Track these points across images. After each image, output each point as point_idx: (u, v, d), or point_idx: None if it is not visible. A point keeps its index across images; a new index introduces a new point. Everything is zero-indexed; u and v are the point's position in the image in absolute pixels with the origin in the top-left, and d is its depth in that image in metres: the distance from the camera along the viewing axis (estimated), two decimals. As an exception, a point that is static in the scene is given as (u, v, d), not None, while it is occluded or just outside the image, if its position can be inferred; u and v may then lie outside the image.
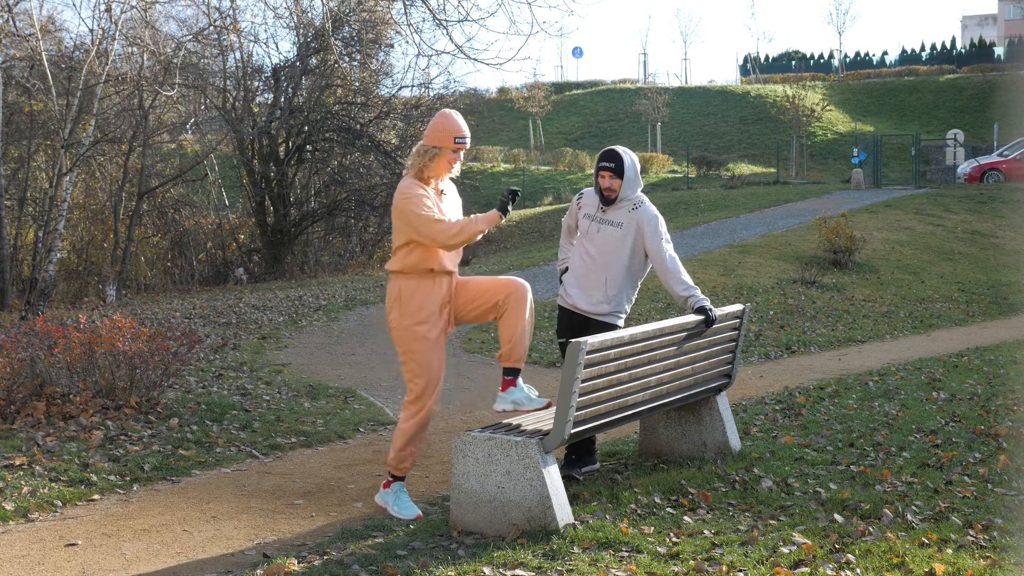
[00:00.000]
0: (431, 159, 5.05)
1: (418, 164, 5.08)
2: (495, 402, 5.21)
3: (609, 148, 5.78)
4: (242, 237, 24.57)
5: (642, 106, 44.58)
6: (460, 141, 5.05)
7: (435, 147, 5.05)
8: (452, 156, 5.07)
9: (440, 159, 5.06)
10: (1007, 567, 4.18)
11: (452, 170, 5.14)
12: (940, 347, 11.31)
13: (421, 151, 5.07)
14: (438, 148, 5.05)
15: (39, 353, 7.23)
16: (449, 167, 5.11)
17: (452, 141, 5.04)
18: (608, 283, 5.74)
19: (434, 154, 5.05)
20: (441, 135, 5.05)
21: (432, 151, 5.05)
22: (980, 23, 70.48)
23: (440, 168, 5.08)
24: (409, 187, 5.04)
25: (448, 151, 5.05)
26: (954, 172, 32.66)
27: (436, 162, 5.06)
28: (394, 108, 23.71)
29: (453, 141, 5.04)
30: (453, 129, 5.05)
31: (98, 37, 17.36)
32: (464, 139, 5.07)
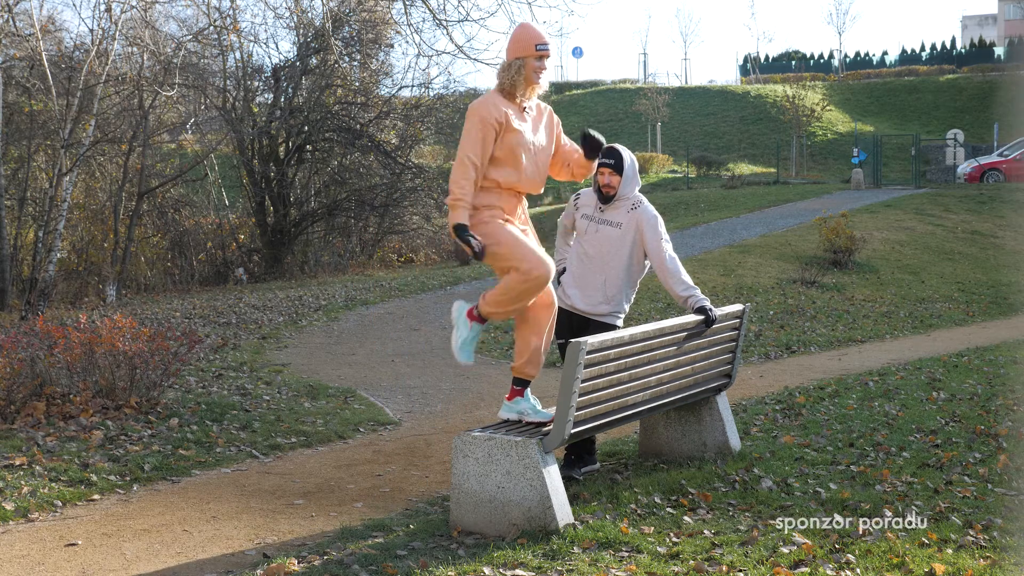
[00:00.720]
0: (516, 71, 4.92)
1: (502, 79, 4.96)
2: (500, 409, 5.21)
3: (608, 146, 5.78)
4: (242, 237, 24.56)
5: (642, 106, 44.56)
6: (542, 48, 4.94)
7: (518, 59, 4.93)
8: (537, 65, 4.94)
9: (525, 71, 4.93)
10: (1007, 567, 4.18)
11: (539, 83, 4.99)
12: (940, 347, 11.31)
13: (505, 67, 4.95)
14: (521, 59, 4.93)
15: (39, 353, 7.23)
16: (536, 78, 4.96)
17: (534, 49, 4.93)
18: (607, 283, 5.74)
19: (519, 66, 4.92)
20: (522, 45, 4.94)
21: (516, 63, 4.93)
22: (980, 23, 70.47)
23: (526, 80, 4.94)
24: (485, 103, 4.89)
25: (532, 60, 4.93)
26: (954, 172, 32.65)
27: (520, 74, 4.92)
28: (394, 108, 23.70)
29: (535, 48, 4.93)
30: (534, 37, 4.95)
31: (98, 37, 17.36)
32: (546, 46, 4.96)
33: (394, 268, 22.97)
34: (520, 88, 4.96)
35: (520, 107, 5.00)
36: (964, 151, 33.71)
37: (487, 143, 4.86)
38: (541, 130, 5.10)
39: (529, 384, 5.15)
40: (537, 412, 5.09)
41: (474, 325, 5.13)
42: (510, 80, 4.94)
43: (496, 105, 4.91)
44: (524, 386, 5.14)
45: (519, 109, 4.99)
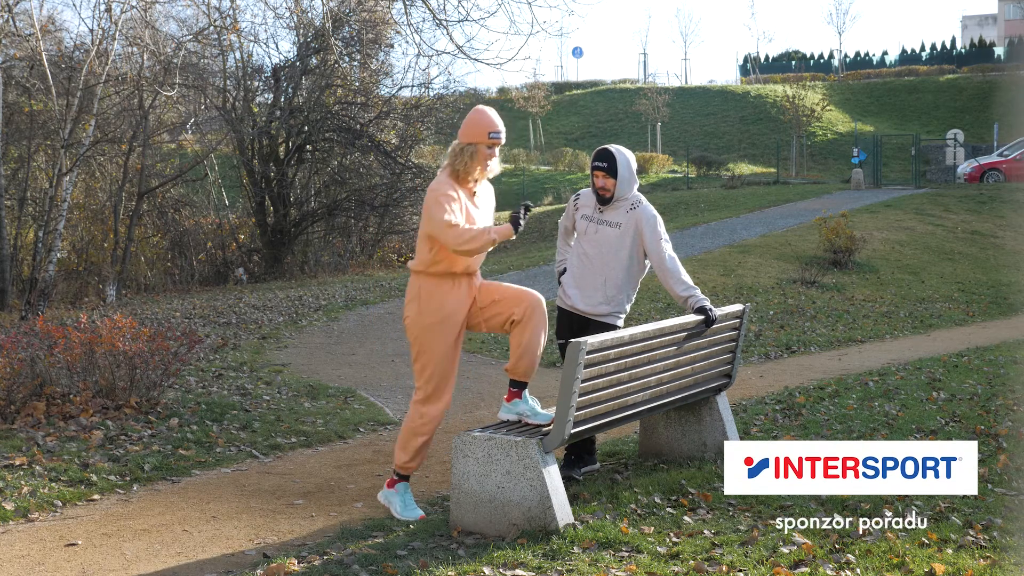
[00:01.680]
0: (469, 157, 4.98)
1: (454, 163, 5.01)
2: (500, 411, 5.20)
3: (602, 147, 5.76)
4: (242, 237, 24.55)
5: (642, 106, 44.56)
6: (495, 136, 4.99)
7: (470, 144, 4.98)
8: (488, 152, 5.00)
9: (476, 156, 4.99)
10: (1007, 567, 4.18)
11: (489, 168, 5.05)
12: (940, 347, 11.31)
13: (457, 150, 5.01)
14: (474, 145, 4.98)
15: (39, 353, 7.23)
16: (486, 164, 5.02)
17: (487, 136, 4.98)
18: (607, 284, 5.74)
19: (471, 151, 4.98)
20: (475, 131, 4.98)
21: (468, 148, 4.98)
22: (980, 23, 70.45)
23: (477, 166, 5.00)
24: (439, 186, 4.97)
25: (484, 147, 4.98)
26: (954, 172, 32.65)
27: (472, 160, 4.98)
28: (394, 108, 23.70)
29: (488, 136, 4.98)
30: (487, 124, 4.99)
31: (98, 37, 17.36)
32: (499, 134, 5.00)
33: (394, 268, 22.97)
34: (472, 173, 5.02)
35: (471, 191, 5.07)
36: (964, 151, 33.69)
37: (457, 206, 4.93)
38: (488, 210, 5.21)
39: (527, 385, 5.15)
40: (537, 414, 5.09)
41: (398, 486, 5.21)
42: (463, 164, 5.00)
43: (450, 184, 4.99)
44: (521, 388, 5.14)
45: (469, 193, 5.07)
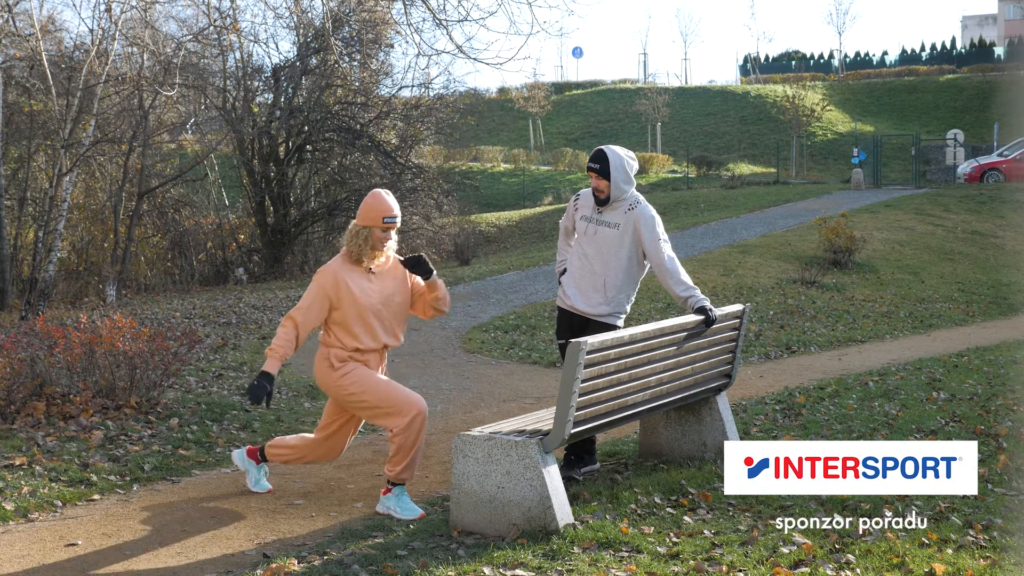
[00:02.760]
0: (363, 239, 5.22)
1: (350, 244, 5.25)
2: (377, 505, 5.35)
3: (598, 148, 5.77)
4: (242, 237, 24.55)
5: (642, 106, 44.56)
6: (389, 221, 5.23)
7: (365, 227, 5.22)
8: (382, 235, 5.23)
9: (370, 239, 5.22)
10: (1007, 567, 4.18)
11: (386, 247, 5.28)
12: (940, 347, 11.31)
13: (353, 231, 5.26)
14: (368, 228, 5.22)
15: (39, 353, 7.22)
16: (382, 245, 5.25)
17: (381, 221, 5.21)
18: (607, 284, 5.74)
19: (365, 234, 5.22)
20: (371, 215, 5.23)
21: (363, 231, 5.23)
22: (980, 23, 70.44)
23: (372, 248, 5.24)
24: (322, 274, 5.24)
25: (378, 230, 5.22)
26: (954, 172, 32.65)
27: (366, 243, 5.22)
28: (394, 108, 23.68)
29: (382, 221, 5.21)
30: (383, 209, 5.22)
31: (98, 37, 17.34)
32: (393, 219, 5.24)
33: (394, 268, 22.93)
34: (366, 254, 5.25)
35: (366, 270, 5.27)
36: (964, 151, 33.69)
37: (314, 309, 5.20)
38: (390, 283, 5.35)
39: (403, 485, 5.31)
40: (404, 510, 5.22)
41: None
42: (357, 247, 5.24)
43: (336, 275, 5.21)
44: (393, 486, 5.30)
45: (364, 272, 5.27)
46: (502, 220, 31.72)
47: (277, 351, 5.14)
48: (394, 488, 5.29)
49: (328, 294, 5.20)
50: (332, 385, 5.31)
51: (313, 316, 5.20)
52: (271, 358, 5.14)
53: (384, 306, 5.29)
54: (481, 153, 42.85)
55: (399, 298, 5.37)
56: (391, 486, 5.31)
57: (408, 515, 5.20)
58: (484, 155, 42.94)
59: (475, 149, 42.02)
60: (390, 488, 5.31)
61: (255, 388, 5.10)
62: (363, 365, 5.29)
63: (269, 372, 5.13)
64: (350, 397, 5.27)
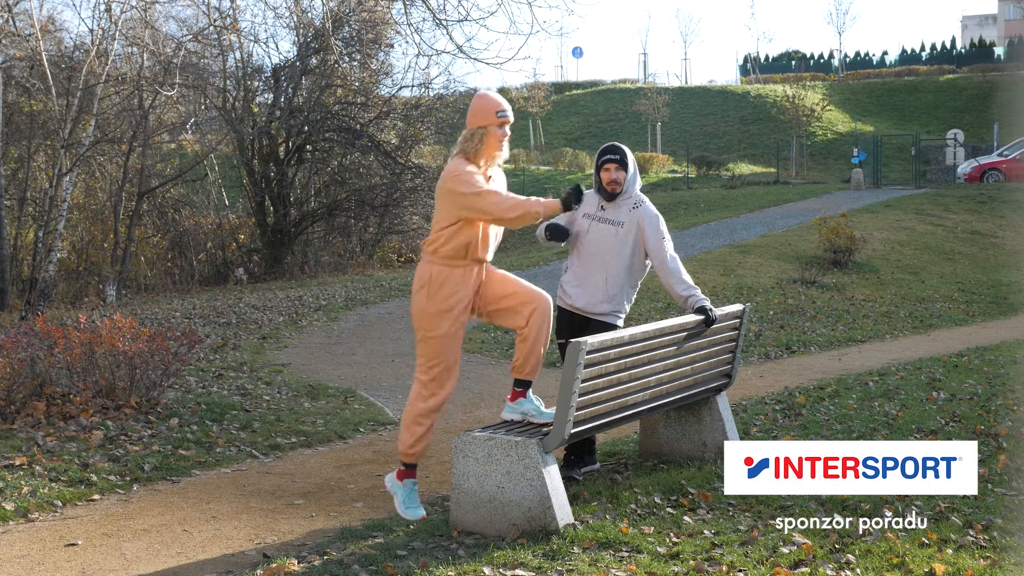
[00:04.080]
0: (479, 140, 4.98)
1: (465, 147, 5.01)
2: (504, 410, 5.20)
3: (610, 143, 5.80)
4: (242, 237, 24.55)
5: (642, 106, 44.54)
6: (502, 115, 4.99)
7: (480, 127, 4.98)
8: (499, 133, 4.99)
9: (488, 139, 4.98)
10: (1007, 567, 4.18)
11: (501, 150, 5.04)
12: (940, 347, 11.31)
13: (467, 136, 5.01)
14: (483, 128, 4.98)
15: (39, 353, 7.22)
16: (498, 145, 5.02)
17: (495, 116, 4.98)
18: (608, 282, 5.74)
19: (481, 135, 4.98)
20: (483, 114, 5.00)
21: (479, 132, 4.98)
22: (980, 23, 70.43)
23: (489, 148, 5.00)
24: (457, 166, 4.97)
25: (494, 127, 4.98)
26: (954, 172, 32.64)
27: (484, 143, 4.98)
28: (394, 108, 23.69)
29: (496, 116, 4.98)
30: (494, 104, 5.01)
31: (98, 37, 17.35)
32: (505, 112, 5.00)
33: (394, 268, 22.97)
34: (483, 155, 5.02)
35: (485, 174, 5.06)
36: (964, 151, 33.68)
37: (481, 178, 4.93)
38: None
39: (531, 384, 5.15)
40: (541, 413, 5.09)
41: (406, 482, 5.20)
42: (474, 148, 5.00)
43: (466, 163, 4.98)
44: (526, 387, 5.13)
45: (485, 177, 5.05)
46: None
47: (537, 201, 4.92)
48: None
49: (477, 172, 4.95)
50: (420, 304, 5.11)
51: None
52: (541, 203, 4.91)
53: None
54: (481, 153, 42.77)
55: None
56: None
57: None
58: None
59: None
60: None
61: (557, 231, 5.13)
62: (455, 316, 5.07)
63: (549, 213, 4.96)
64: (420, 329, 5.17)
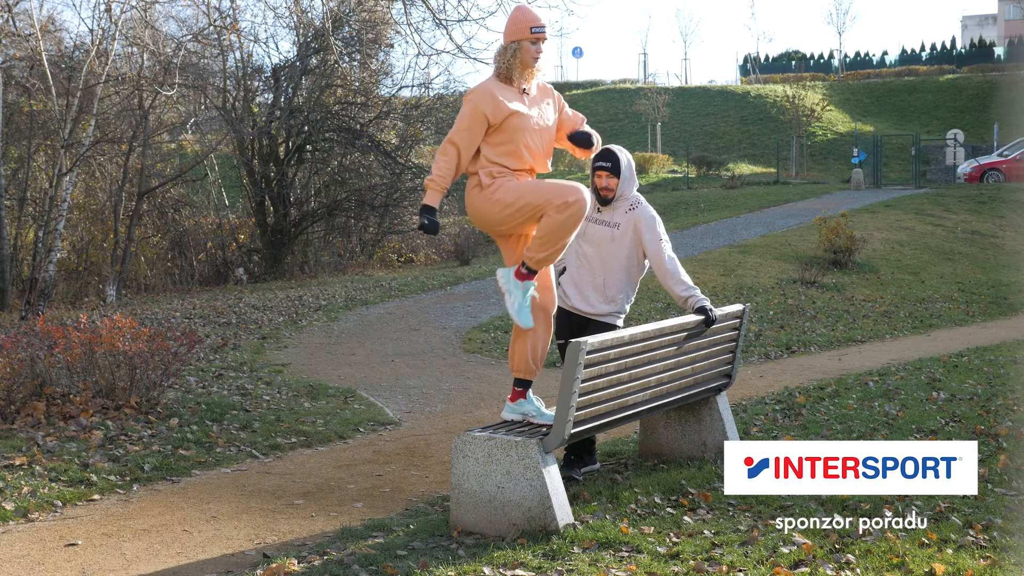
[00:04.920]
0: (511, 55, 4.90)
1: (499, 64, 4.93)
2: (503, 410, 5.18)
3: (604, 147, 5.77)
4: (242, 237, 24.55)
5: (642, 106, 44.54)
6: (537, 31, 4.90)
7: (513, 42, 4.91)
8: (533, 49, 4.91)
9: (520, 53, 4.90)
10: (1007, 567, 4.18)
11: (536, 66, 4.95)
12: (940, 347, 11.30)
13: (501, 51, 4.94)
14: (517, 43, 4.91)
15: (39, 353, 7.22)
16: (533, 61, 4.93)
17: (529, 31, 4.90)
18: (607, 284, 5.74)
19: (514, 49, 4.91)
20: (517, 28, 4.91)
21: (511, 47, 4.91)
22: (980, 23, 70.43)
23: (523, 64, 4.91)
24: (475, 92, 4.87)
25: (527, 43, 4.90)
26: (954, 172, 32.65)
27: (516, 57, 4.90)
28: (394, 108, 23.68)
29: (530, 31, 4.90)
30: (528, 19, 4.92)
31: (98, 37, 17.35)
32: (542, 28, 4.91)
33: (394, 268, 22.97)
34: (517, 72, 4.93)
35: (519, 89, 4.96)
36: (964, 151, 33.69)
37: (474, 131, 4.84)
38: (544, 108, 5.05)
39: (531, 385, 5.14)
40: (542, 414, 5.07)
41: (526, 283, 4.99)
42: (506, 64, 4.91)
43: (491, 94, 4.86)
44: (526, 387, 5.12)
45: (518, 91, 4.95)
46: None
47: (438, 182, 4.79)
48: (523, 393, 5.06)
49: (484, 112, 4.82)
50: (487, 206, 4.89)
51: (473, 137, 4.84)
52: (432, 190, 4.80)
53: (538, 130, 4.97)
54: (481, 153, 42.80)
55: (552, 126, 5.07)
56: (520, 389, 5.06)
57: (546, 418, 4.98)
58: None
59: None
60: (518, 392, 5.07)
61: (427, 225, 4.78)
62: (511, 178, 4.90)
63: (431, 205, 4.80)
64: (507, 209, 4.86)
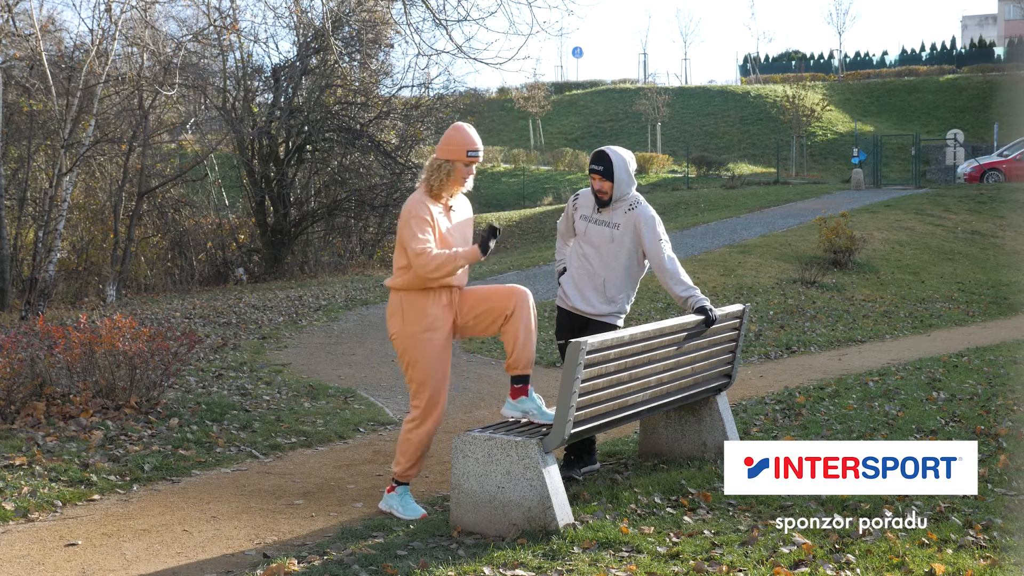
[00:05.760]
0: (445, 173, 5.03)
1: (430, 179, 5.05)
2: (503, 407, 5.19)
3: (599, 149, 5.75)
4: (242, 237, 24.56)
5: (642, 106, 44.55)
6: (473, 155, 5.03)
7: (448, 161, 5.03)
8: (465, 170, 5.05)
9: (453, 173, 5.04)
10: (1007, 567, 4.18)
11: (465, 184, 5.10)
12: (940, 347, 11.30)
13: (435, 165, 5.05)
14: (451, 162, 5.02)
15: (39, 353, 7.22)
16: (462, 181, 5.08)
17: (465, 155, 5.02)
18: (607, 284, 5.74)
19: (448, 168, 5.03)
20: (454, 148, 5.03)
21: (446, 165, 5.03)
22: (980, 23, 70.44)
23: (454, 182, 5.06)
24: (413, 206, 5.01)
25: (461, 165, 5.03)
26: (954, 172, 32.65)
27: (450, 177, 5.03)
28: (394, 108, 23.69)
29: (466, 155, 5.02)
30: (466, 142, 5.03)
31: (98, 37, 17.35)
32: (477, 152, 5.04)
33: (394, 268, 22.94)
34: (447, 189, 5.08)
35: (446, 206, 5.12)
36: (964, 151, 33.69)
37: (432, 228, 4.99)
38: (462, 223, 5.22)
39: (529, 380, 5.15)
40: (543, 413, 5.08)
41: (398, 489, 5.24)
42: (438, 181, 5.05)
43: (424, 204, 5.01)
44: (524, 383, 5.13)
45: (445, 208, 5.11)
46: (502, 220, 31.72)
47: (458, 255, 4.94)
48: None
49: (427, 217, 4.98)
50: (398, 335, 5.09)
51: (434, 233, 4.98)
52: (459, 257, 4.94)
53: (463, 244, 5.14)
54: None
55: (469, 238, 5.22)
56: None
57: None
58: (484, 155, 42.90)
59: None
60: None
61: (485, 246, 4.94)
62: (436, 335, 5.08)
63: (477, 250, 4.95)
64: (407, 369, 5.11)
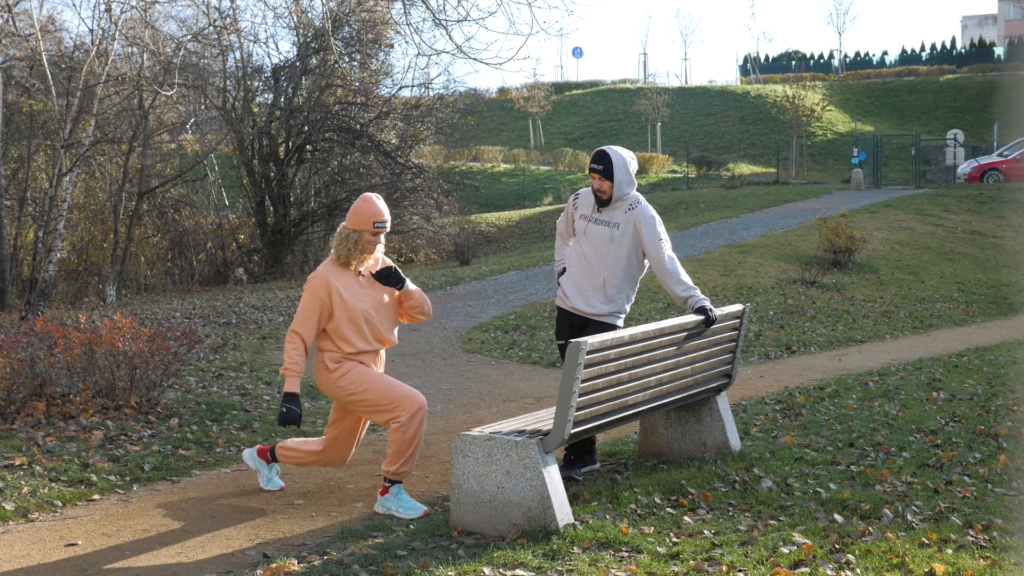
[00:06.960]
0: (353, 243, 5.24)
1: (339, 248, 5.26)
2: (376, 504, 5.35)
3: (599, 149, 5.77)
4: (242, 237, 24.55)
5: (642, 106, 44.57)
6: (379, 225, 5.24)
7: (355, 231, 5.23)
8: (372, 239, 5.25)
9: (361, 243, 5.24)
10: (1007, 567, 4.18)
11: (375, 252, 5.32)
12: (940, 347, 11.31)
13: (343, 234, 5.27)
14: (358, 232, 5.23)
15: (39, 353, 7.22)
16: (371, 249, 5.28)
17: (371, 225, 5.22)
18: (607, 284, 5.74)
19: (356, 238, 5.24)
20: (361, 219, 5.23)
21: (353, 235, 5.24)
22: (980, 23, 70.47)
23: (361, 251, 5.27)
24: (313, 283, 5.23)
25: (367, 235, 5.23)
26: (954, 172, 32.67)
27: (357, 246, 5.25)
28: (394, 108, 23.67)
29: (372, 226, 5.22)
30: (373, 213, 5.23)
31: (98, 37, 17.34)
32: (383, 223, 5.25)
33: (394, 268, 22.93)
34: (355, 258, 5.27)
35: (355, 274, 5.31)
36: (964, 151, 33.71)
37: (314, 319, 5.21)
38: (379, 286, 5.37)
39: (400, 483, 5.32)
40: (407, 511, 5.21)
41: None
42: (346, 250, 5.25)
43: (327, 281, 5.21)
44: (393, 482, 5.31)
45: (354, 276, 5.30)
46: (502, 220, 31.73)
47: (292, 369, 5.17)
48: (392, 487, 5.30)
49: (322, 300, 5.22)
50: (332, 387, 5.32)
51: (314, 325, 5.23)
52: (289, 377, 5.18)
53: (375, 309, 5.32)
54: (481, 153, 42.85)
55: (389, 301, 5.40)
56: (389, 484, 5.31)
57: (410, 513, 5.20)
58: (484, 155, 42.94)
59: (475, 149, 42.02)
60: (387, 488, 5.32)
61: (285, 414, 5.16)
62: (360, 364, 5.31)
63: (293, 392, 5.19)
64: (350, 397, 5.29)
